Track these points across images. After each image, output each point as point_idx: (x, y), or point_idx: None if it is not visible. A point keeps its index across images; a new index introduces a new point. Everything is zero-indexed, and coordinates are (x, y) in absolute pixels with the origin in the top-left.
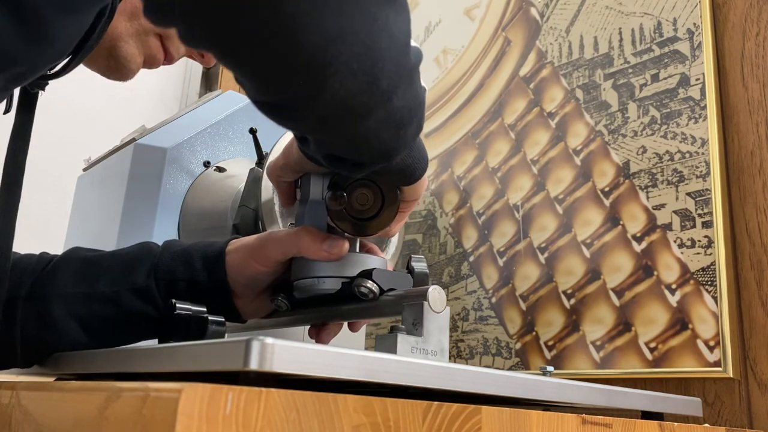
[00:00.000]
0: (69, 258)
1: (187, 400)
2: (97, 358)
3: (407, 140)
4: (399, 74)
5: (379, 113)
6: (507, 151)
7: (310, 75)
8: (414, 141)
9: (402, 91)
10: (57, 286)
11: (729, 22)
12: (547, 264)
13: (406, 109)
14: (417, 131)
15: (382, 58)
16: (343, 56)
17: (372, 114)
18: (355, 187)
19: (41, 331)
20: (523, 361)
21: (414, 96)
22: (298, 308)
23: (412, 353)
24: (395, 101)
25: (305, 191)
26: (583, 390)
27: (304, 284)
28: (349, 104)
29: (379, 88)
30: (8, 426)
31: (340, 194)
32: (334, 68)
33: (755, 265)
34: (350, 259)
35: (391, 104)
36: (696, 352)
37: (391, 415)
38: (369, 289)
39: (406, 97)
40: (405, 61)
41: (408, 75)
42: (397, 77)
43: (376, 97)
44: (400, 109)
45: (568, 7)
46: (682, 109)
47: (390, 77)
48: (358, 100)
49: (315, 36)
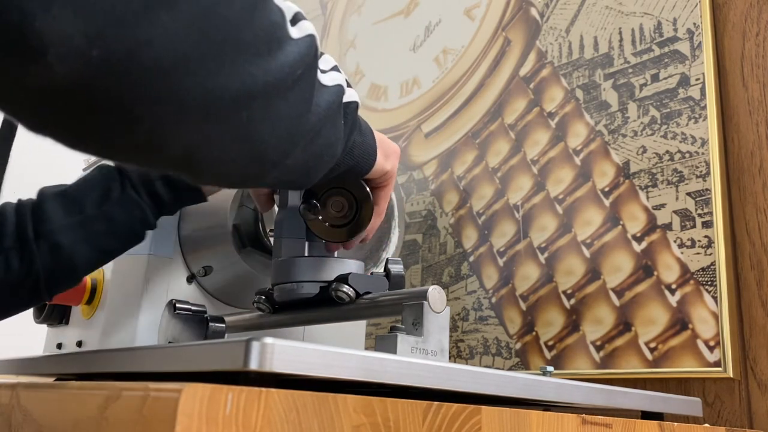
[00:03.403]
0: (47, 197)
1: (187, 400)
2: (97, 358)
3: (323, 169)
4: (293, 142)
5: (274, 173)
6: (507, 151)
7: (180, 172)
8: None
9: (301, 149)
10: (54, 221)
11: (729, 22)
12: (547, 264)
13: (309, 160)
14: (335, 154)
15: (261, 142)
16: (208, 160)
17: (267, 175)
18: (329, 195)
19: (57, 261)
20: (523, 361)
21: (322, 142)
22: (280, 311)
23: (412, 353)
24: (290, 161)
25: (283, 198)
26: (583, 390)
27: (284, 288)
28: (236, 179)
29: (267, 160)
30: (8, 426)
31: (313, 204)
32: (205, 166)
33: (755, 265)
34: (328, 264)
35: (284, 166)
36: (696, 352)
37: (391, 415)
38: (345, 293)
39: (308, 151)
40: (296, 131)
41: (306, 134)
42: (290, 145)
43: (266, 165)
44: (297, 165)
45: (568, 7)
46: (682, 109)
47: (276, 150)
48: (244, 173)
49: (178, 150)
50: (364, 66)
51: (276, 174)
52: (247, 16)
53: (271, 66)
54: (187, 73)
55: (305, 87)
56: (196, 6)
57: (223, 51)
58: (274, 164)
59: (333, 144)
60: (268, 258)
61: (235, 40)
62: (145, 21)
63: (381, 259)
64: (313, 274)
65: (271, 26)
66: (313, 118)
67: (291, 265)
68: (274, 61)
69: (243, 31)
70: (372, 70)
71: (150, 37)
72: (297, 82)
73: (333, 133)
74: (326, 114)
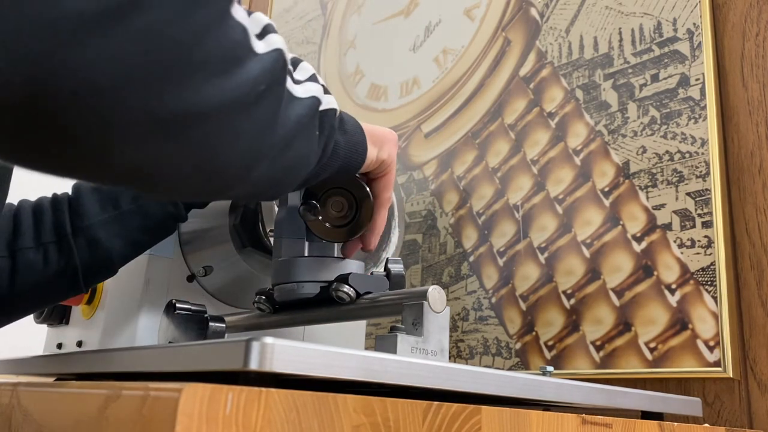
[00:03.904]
0: (83, 192)
1: (187, 400)
2: (97, 358)
3: (295, 181)
4: (257, 158)
5: (238, 188)
6: (507, 151)
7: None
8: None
9: (267, 164)
10: (90, 216)
11: (729, 22)
12: (547, 264)
13: (277, 173)
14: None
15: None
16: (160, 177)
17: (229, 191)
18: (329, 195)
19: (94, 255)
20: (523, 361)
21: (293, 154)
22: (280, 311)
23: (412, 353)
24: (255, 175)
25: (283, 198)
26: (583, 390)
27: (284, 288)
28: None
29: (228, 176)
30: (8, 426)
31: (313, 205)
32: (158, 182)
33: (755, 265)
34: (328, 264)
35: (249, 181)
36: (696, 352)
37: (391, 415)
38: (346, 293)
39: (276, 165)
40: (260, 146)
41: (272, 149)
42: (254, 161)
43: (227, 181)
44: (263, 179)
45: (568, 7)
46: (682, 109)
47: (238, 166)
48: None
49: (123, 167)
50: (364, 66)
51: (240, 189)
52: (200, 38)
53: (228, 84)
54: (126, 94)
55: (271, 102)
56: (137, 29)
57: (170, 72)
58: (236, 180)
59: (305, 156)
60: (268, 258)
61: (185, 60)
62: (78, 44)
63: (381, 259)
64: (314, 274)
65: (230, 45)
66: (280, 132)
67: (291, 265)
68: (232, 80)
69: (194, 52)
70: (372, 70)
71: (83, 60)
72: (261, 98)
73: (305, 146)
74: (297, 127)
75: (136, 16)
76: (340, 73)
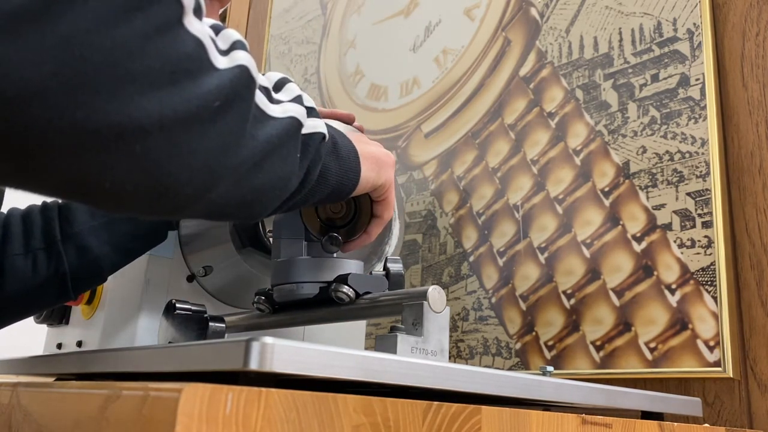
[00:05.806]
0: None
1: (187, 400)
2: (97, 358)
3: (273, 202)
4: (215, 176)
5: (196, 206)
6: (507, 151)
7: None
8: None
9: (230, 185)
10: (80, 222)
11: (729, 22)
12: (547, 264)
13: (248, 194)
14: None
15: (167, 175)
16: (101, 191)
17: (185, 209)
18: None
19: (84, 262)
20: (523, 361)
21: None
22: (279, 311)
23: (412, 353)
24: (214, 196)
25: None
26: (583, 390)
27: (284, 289)
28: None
29: (181, 194)
30: (8, 426)
31: (335, 237)
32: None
33: (755, 265)
34: (327, 264)
35: (207, 200)
36: (696, 352)
37: (391, 415)
38: (345, 294)
39: (243, 185)
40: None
41: (237, 168)
42: (212, 179)
43: (180, 199)
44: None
45: (568, 7)
46: (682, 109)
47: (192, 184)
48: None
49: (56, 181)
50: (364, 66)
51: (200, 207)
52: (137, 46)
53: (172, 99)
54: (42, 105)
55: (233, 119)
56: (53, 35)
57: (93, 83)
58: (191, 199)
59: (282, 178)
60: (268, 258)
61: (110, 71)
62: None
63: (384, 253)
64: (313, 274)
65: (177, 58)
66: (244, 152)
67: (290, 266)
68: (178, 94)
69: (124, 63)
70: (372, 70)
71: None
72: (218, 114)
73: (280, 168)
74: (266, 147)
75: (48, 22)
76: (340, 73)
